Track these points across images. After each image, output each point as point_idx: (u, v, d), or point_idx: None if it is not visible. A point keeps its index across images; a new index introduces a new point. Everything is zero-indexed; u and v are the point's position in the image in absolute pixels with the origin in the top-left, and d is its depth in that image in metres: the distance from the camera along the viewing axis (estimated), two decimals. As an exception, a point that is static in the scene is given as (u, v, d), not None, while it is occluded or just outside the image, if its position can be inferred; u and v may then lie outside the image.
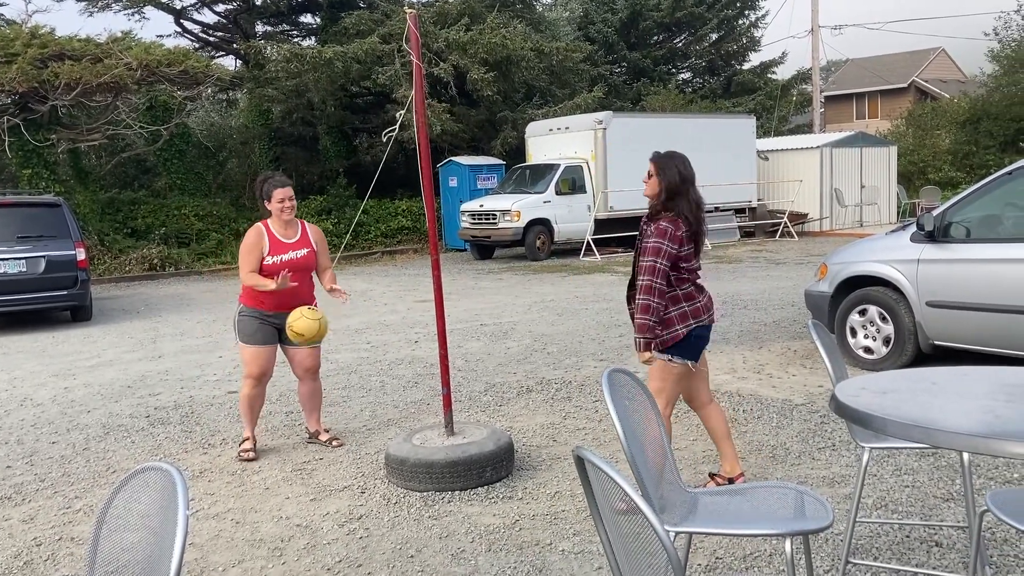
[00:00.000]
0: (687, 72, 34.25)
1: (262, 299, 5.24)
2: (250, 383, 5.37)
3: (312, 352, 5.46)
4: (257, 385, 5.39)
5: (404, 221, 22.34)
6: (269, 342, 5.34)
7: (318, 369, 5.57)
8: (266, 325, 5.30)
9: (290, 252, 5.27)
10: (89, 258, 13.36)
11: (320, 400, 5.68)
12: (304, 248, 5.33)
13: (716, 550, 3.75)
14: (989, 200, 6.38)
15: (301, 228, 5.41)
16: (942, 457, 4.76)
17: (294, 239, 5.32)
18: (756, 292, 11.73)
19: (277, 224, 5.30)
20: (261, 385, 5.42)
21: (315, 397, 5.61)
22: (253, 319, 5.28)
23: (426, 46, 20.93)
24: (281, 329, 5.31)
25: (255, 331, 5.28)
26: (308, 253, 5.34)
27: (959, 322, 6.34)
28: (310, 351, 5.44)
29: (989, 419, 2.19)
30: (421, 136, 4.78)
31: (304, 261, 5.31)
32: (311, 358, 5.47)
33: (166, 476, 2.02)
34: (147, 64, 17.02)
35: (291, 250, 5.28)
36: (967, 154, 27.22)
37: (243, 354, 5.38)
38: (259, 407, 5.52)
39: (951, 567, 3.49)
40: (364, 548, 3.98)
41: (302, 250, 5.32)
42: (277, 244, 5.26)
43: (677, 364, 4.19)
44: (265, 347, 5.32)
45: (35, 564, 3.99)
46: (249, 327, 5.29)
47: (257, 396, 5.44)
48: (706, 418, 4.47)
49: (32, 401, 7.29)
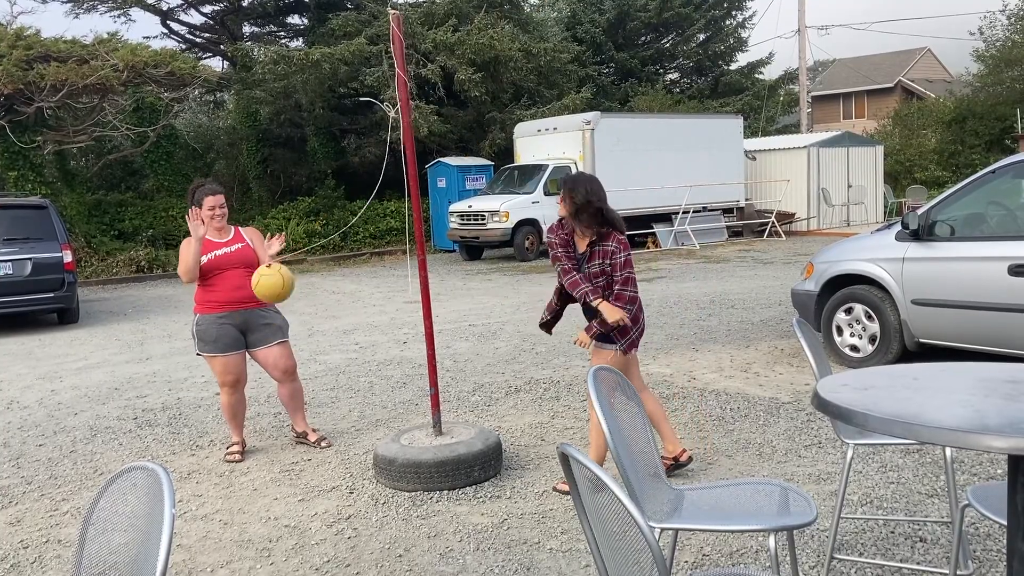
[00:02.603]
0: (675, 72, 34.33)
1: (211, 300, 5.23)
2: (227, 391, 5.35)
3: (283, 353, 5.39)
4: (235, 392, 5.36)
5: (393, 222, 22.32)
6: (233, 348, 5.26)
7: (294, 369, 5.50)
8: (225, 327, 5.22)
9: (223, 248, 5.28)
10: (76, 260, 13.32)
11: (302, 400, 5.65)
12: (237, 243, 5.34)
13: (703, 547, 3.77)
14: (973, 199, 6.43)
15: (233, 230, 5.43)
16: (926, 454, 4.80)
17: (226, 239, 5.34)
18: (743, 291, 11.77)
19: (209, 230, 5.28)
20: (239, 391, 5.39)
21: (296, 397, 5.56)
22: (210, 326, 5.22)
23: (413, 47, 20.93)
24: (244, 331, 5.30)
25: (216, 338, 5.21)
26: (242, 247, 5.33)
27: (944, 320, 6.38)
28: (280, 352, 5.38)
29: (969, 414, 2.21)
30: (407, 137, 4.78)
31: (239, 255, 5.29)
32: (284, 359, 5.40)
33: (152, 475, 2.03)
34: (133, 65, 16.97)
35: (224, 247, 5.29)
36: (953, 153, 27.38)
37: (212, 365, 5.33)
38: (242, 412, 5.50)
39: (935, 562, 3.52)
40: (352, 548, 3.99)
41: (235, 245, 5.32)
42: (209, 244, 5.25)
43: (611, 351, 4.49)
44: (231, 354, 5.26)
45: (22, 567, 3.98)
46: (208, 334, 5.22)
47: (238, 402, 5.42)
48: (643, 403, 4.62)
49: (19, 404, 7.26)
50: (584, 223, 4.37)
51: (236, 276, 5.23)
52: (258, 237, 5.51)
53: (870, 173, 23.01)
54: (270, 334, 5.36)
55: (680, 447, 4.66)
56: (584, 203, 4.32)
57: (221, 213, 5.29)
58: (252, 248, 5.38)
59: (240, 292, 5.22)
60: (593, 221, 4.36)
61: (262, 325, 5.34)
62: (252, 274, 5.15)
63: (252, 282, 5.05)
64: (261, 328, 5.34)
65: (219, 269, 5.22)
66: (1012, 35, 29.12)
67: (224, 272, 5.23)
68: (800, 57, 28.97)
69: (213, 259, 5.22)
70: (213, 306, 5.23)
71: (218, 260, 5.22)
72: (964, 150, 27.25)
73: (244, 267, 5.26)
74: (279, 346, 5.38)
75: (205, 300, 5.25)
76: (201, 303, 5.27)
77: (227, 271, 5.23)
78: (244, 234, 5.45)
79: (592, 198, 4.34)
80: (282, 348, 5.39)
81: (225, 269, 5.23)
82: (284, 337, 5.44)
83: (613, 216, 4.43)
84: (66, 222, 14.47)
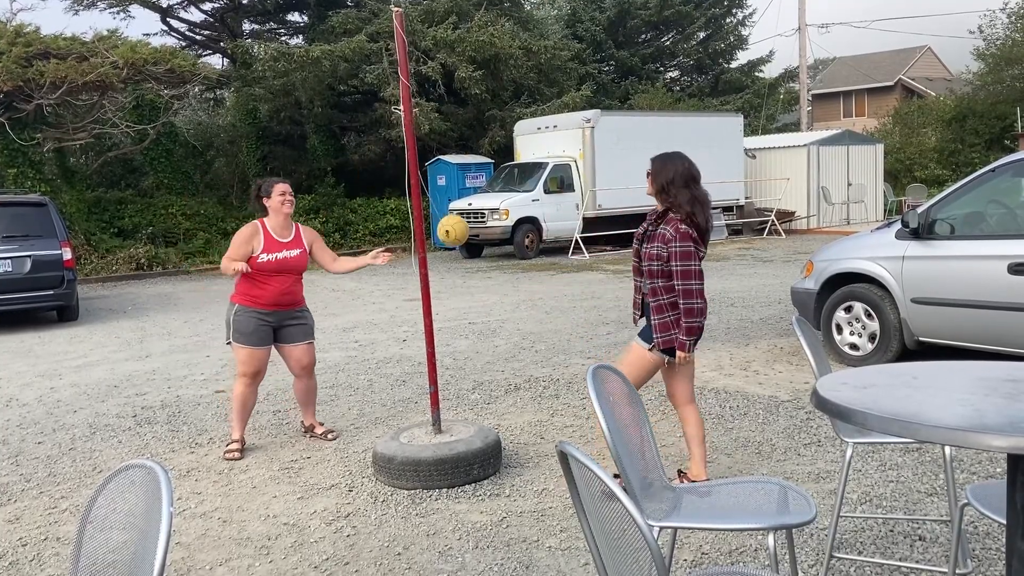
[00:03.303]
0: (675, 70, 34.31)
1: (257, 297, 5.27)
2: (244, 382, 5.39)
3: (307, 352, 5.51)
4: (251, 384, 5.42)
5: (393, 220, 22.30)
6: (265, 343, 5.37)
7: (313, 367, 5.61)
8: (264, 325, 5.32)
9: (284, 251, 5.32)
10: (76, 258, 13.30)
11: (315, 395, 5.77)
12: (297, 248, 5.39)
13: (702, 545, 3.77)
14: (973, 197, 6.43)
15: (295, 229, 5.49)
16: (926, 452, 4.80)
17: (289, 239, 5.39)
18: (743, 290, 11.77)
19: (275, 222, 5.36)
20: (255, 384, 5.45)
21: (310, 393, 5.69)
22: (251, 318, 5.29)
23: (414, 44, 20.90)
24: (276, 329, 5.38)
25: (252, 331, 5.29)
26: (301, 254, 5.41)
27: (944, 318, 6.38)
28: (305, 351, 5.48)
29: (969, 413, 2.21)
30: (408, 133, 4.78)
31: (296, 261, 5.37)
32: (307, 357, 5.52)
33: (150, 473, 2.02)
34: (133, 63, 16.93)
35: (285, 249, 5.34)
36: (953, 152, 27.37)
37: (238, 354, 5.37)
38: (251, 406, 5.53)
39: (934, 561, 3.52)
40: (351, 546, 3.99)
41: (295, 250, 5.38)
42: (272, 242, 5.30)
43: (691, 356, 4.25)
44: (261, 348, 5.36)
45: (21, 564, 3.97)
46: (246, 326, 5.29)
47: (251, 395, 5.46)
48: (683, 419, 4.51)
49: (18, 401, 7.25)
50: (676, 207, 4.18)
51: (287, 281, 5.33)
52: (318, 238, 5.61)
53: (870, 171, 23.00)
54: (300, 334, 5.48)
55: (706, 475, 4.38)
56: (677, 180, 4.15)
57: (291, 200, 5.38)
58: (307, 256, 5.46)
59: (286, 296, 5.33)
60: (688, 205, 4.14)
61: (295, 324, 5.46)
62: (300, 280, 5.41)
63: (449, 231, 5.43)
64: (293, 327, 5.45)
65: (275, 272, 5.28)
66: (1012, 34, 29.10)
67: (278, 275, 5.29)
68: (800, 55, 28.99)
69: (273, 261, 5.27)
70: (256, 303, 5.29)
71: (277, 264, 5.28)
72: (964, 149, 27.24)
73: (296, 274, 5.38)
74: (305, 345, 5.51)
75: (249, 294, 5.30)
76: (244, 295, 5.31)
77: (281, 275, 5.30)
78: (303, 236, 5.49)
79: (691, 181, 4.17)
80: (307, 347, 5.52)
81: (280, 273, 5.29)
82: (311, 338, 5.56)
83: (689, 199, 4.16)
84: (66, 219, 14.44)
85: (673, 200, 4.18)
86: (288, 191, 5.39)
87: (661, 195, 4.22)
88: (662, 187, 4.20)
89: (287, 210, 5.36)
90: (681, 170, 4.17)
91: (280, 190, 5.35)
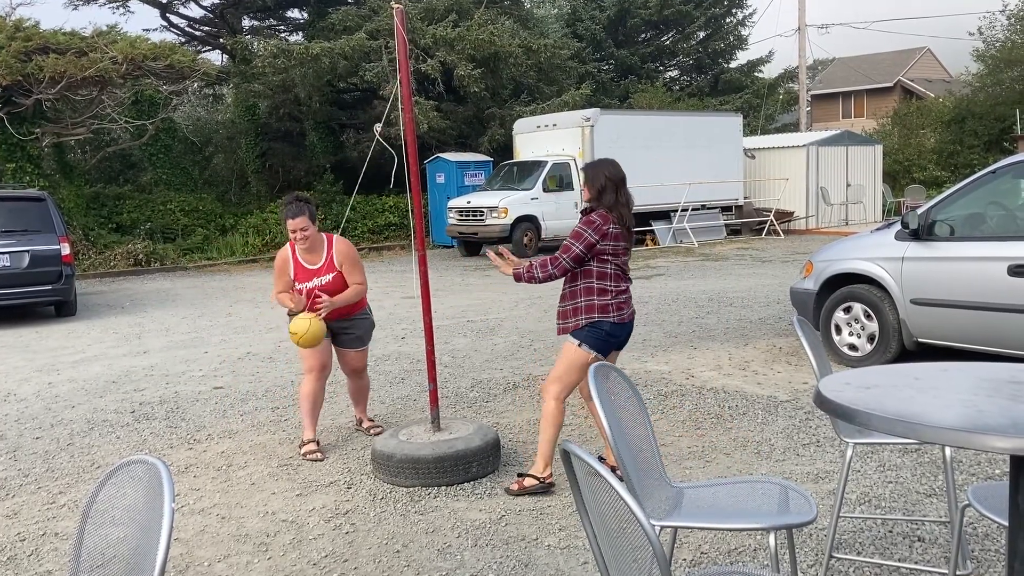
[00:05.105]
0: (674, 70, 34.34)
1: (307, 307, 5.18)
2: (310, 378, 5.29)
3: (357, 357, 5.47)
4: (317, 380, 5.30)
5: (391, 217, 22.29)
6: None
7: (363, 370, 5.59)
8: None
9: (314, 279, 5.19)
10: (74, 253, 13.29)
11: (367, 395, 5.80)
12: (329, 274, 5.19)
13: (701, 544, 3.77)
14: (973, 198, 6.43)
15: (327, 249, 5.24)
16: (925, 453, 4.80)
17: (318, 264, 5.21)
18: (742, 290, 11.78)
19: (300, 248, 5.22)
20: (321, 380, 5.33)
21: (361, 392, 5.72)
22: None
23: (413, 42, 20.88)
24: (334, 333, 5.34)
25: None
26: (334, 278, 5.20)
27: (943, 319, 6.38)
28: (355, 356, 5.46)
29: (971, 413, 2.21)
30: (408, 132, 4.77)
31: (330, 287, 5.18)
32: (356, 362, 5.49)
33: (151, 469, 2.02)
34: (132, 58, 16.90)
35: (315, 276, 5.19)
36: (952, 153, 27.39)
37: (300, 350, 5.31)
38: (320, 404, 5.40)
39: (933, 561, 3.52)
40: (350, 543, 3.99)
41: (327, 276, 5.19)
42: (301, 271, 5.20)
43: (584, 352, 4.31)
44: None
45: (19, 559, 3.97)
46: None
47: (318, 391, 5.33)
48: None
49: (15, 396, 7.24)
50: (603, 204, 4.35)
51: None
52: (350, 258, 5.28)
53: (869, 172, 23.02)
54: (349, 341, 5.42)
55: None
56: (604, 185, 4.33)
57: (303, 236, 5.09)
58: (341, 276, 5.23)
59: (340, 311, 5.22)
60: (612, 203, 4.32)
61: (346, 333, 5.39)
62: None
63: (298, 328, 4.95)
64: (345, 334, 5.39)
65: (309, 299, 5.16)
66: (1012, 35, 29.12)
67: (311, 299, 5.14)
68: (800, 56, 28.99)
69: (305, 291, 5.16)
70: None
71: (310, 292, 5.15)
72: (963, 150, 27.26)
73: (332, 295, 5.17)
74: (356, 352, 5.47)
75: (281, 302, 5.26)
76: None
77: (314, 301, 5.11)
78: (335, 256, 5.23)
79: (617, 183, 4.35)
80: (358, 353, 5.48)
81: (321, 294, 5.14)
82: (363, 345, 5.49)
83: (622, 199, 4.35)
84: (64, 215, 14.42)
85: (603, 203, 4.34)
86: (299, 228, 5.06)
87: (596, 200, 4.36)
88: (598, 193, 4.35)
89: (301, 247, 5.17)
90: (609, 174, 4.35)
91: (291, 227, 5.08)
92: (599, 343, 4.31)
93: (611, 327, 4.32)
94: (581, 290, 4.35)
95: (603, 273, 4.32)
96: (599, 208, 4.33)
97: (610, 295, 4.32)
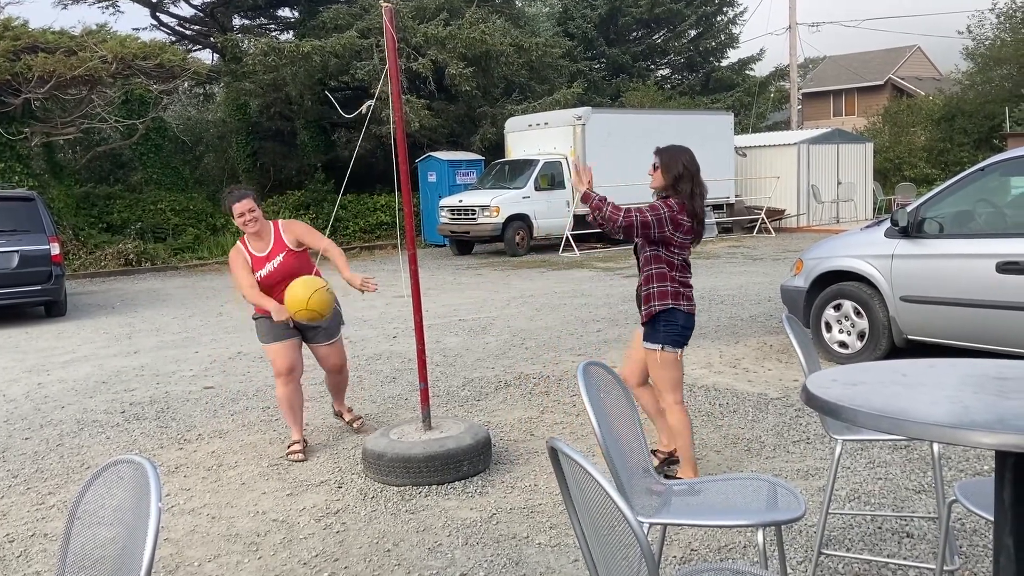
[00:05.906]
0: (666, 68, 34.35)
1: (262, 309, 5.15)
2: (281, 381, 5.25)
3: (330, 352, 5.42)
4: (289, 382, 5.24)
5: (383, 216, 22.26)
6: (288, 336, 5.21)
7: (341, 367, 5.55)
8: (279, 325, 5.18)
9: (267, 265, 5.15)
10: (64, 253, 13.24)
11: (344, 388, 5.78)
12: (279, 254, 5.16)
13: (691, 542, 3.78)
14: (962, 196, 6.45)
15: (274, 233, 5.21)
16: (914, 450, 4.82)
17: (266, 251, 5.17)
18: (733, 287, 11.80)
19: (249, 239, 5.19)
20: (293, 381, 5.26)
21: (339, 386, 5.70)
22: (264, 323, 5.21)
23: (404, 41, 20.86)
24: (301, 329, 5.27)
25: (268, 331, 5.19)
26: (284, 258, 5.16)
27: (932, 317, 6.41)
28: (327, 351, 5.40)
29: (958, 410, 2.21)
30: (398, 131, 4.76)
31: (283, 268, 5.13)
32: (332, 357, 5.44)
33: (139, 469, 2.01)
34: (122, 57, 16.83)
35: (267, 262, 5.15)
36: (942, 151, 27.48)
37: (267, 354, 5.31)
38: (299, 405, 5.35)
39: (921, 557, 3.54)
40: (341, 542, 3.98)
41: (277, 258, 5.16)
42: (255, 260, 5.16)
43: (667, 353, 4.27)
44: (285, 341, 5.20)
45: (7, 560, 3.95)
46: (263, 328, 5.22)
47: (293, 393, 5.28)
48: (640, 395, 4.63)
49: (5, 397, 7.21)
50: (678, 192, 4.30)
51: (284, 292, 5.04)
52: (303, 231, 5.27)
53: (860, 170, 23.07)
54: (316, 337, 5.36)
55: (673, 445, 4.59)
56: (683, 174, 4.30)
57: (252, 218, 5.07)
58: (295, 254, 5.20)
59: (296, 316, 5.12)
60: (688, 195, 4.28)
61: (312, 330, 5.31)
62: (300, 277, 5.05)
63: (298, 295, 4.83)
64: (312, 329, 5.31)
65: (276, 283, 5.11)
66: (1001, 34, 29.23)
67: (280, 283, 5.08)
68: (791, 54, 29.04)
69: (261, 279, 5.12)
70: (265, 313, 5.12)
71: (263, 281, 5.12)
72: (953, 148, 27.36)
73: (290, 279, 5.03)
74: (328, 347, 5.41)
75: (258, 307, 5.18)
76: (256, 307, 5.20)
77: (283, 282, 5.05)
78: (285, 237, 5.20)
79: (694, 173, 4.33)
80: (329, 348, 5.41)
81: (281, 282, 5.08)
82: (332, 339, 5.40)
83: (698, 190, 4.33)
84: (54, 214, 14.37)
85: (678, 192, 4.27)
86: (247, 210, 5.05)
87: (671, 188, 4.28)
88: (674, 180, 4.27)
89: (250, 230, 5.10)
90: (688, 163, 4.29)
91: (238, 211, 5.04)
92: (676, 338, 4.28)
93: (685, 319, 4.29)
94: (654, 275, 4.28)
95: (671, 263, 4.28)
96: (674, 197, 4.25)
97: (680, 284, 4.29)
